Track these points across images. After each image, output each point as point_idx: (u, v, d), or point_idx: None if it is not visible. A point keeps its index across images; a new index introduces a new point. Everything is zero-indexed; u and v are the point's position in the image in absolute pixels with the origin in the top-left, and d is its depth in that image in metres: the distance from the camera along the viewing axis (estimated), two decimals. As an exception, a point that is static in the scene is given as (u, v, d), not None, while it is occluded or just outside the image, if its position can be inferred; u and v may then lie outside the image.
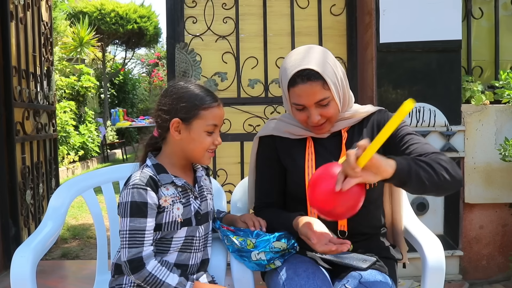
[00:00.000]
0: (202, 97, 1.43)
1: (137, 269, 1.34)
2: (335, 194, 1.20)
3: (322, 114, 1.47)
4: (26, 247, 1.54)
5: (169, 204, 1.41)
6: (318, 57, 1.46)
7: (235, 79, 3.04)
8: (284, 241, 1.46)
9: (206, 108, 1.42)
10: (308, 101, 1.45)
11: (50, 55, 4.02)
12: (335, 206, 1.22)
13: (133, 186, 1.38)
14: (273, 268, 1.48)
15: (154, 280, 1.34)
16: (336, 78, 1.46)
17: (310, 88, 1.43)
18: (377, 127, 1.55)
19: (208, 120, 1.42)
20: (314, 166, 1.50)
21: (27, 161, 3.40)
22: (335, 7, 3.06)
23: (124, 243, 1.36)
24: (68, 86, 9.05)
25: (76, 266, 3.40)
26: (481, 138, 2.75)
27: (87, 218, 4.97)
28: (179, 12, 2.99)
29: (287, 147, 1.58)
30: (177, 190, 1.45)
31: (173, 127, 1.42)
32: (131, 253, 1.34)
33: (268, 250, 1.44)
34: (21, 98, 3.31)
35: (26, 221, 3.35)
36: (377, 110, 1.59)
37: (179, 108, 1.41)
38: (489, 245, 2.85)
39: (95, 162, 9.61)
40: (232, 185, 2.95)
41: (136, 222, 1.35)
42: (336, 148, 1.53)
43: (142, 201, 1.36)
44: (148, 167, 1.44)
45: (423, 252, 1.54)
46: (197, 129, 1.42)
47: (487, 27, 3.05)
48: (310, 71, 1.42)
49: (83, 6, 12.05)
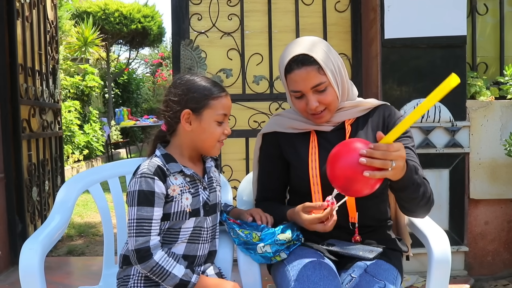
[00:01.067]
0: (211, 88, 1.45)
1: (144, 259, 1.35)
2: (357, 168, 1.19)
3: (320, 101, 1.48)
4: (34, 240, 1.56)
5: (177, 194, 1.42)
6: (311, 43, 1.49)
7: (240, 76, 3.05)
8: (289, 232, 1.47)
9: (215, 98, 1.43)
10: (305, 86, 1.47)
11: (56, 53, 4.04)
12: (356, 181, 1.21)
13: (141, 175, 1.39)
14: (279, 260, 1.49)
15: (161, 270, 1.35)
16: (332, 64, 1.48)
17: (305, 73, 1.45)
18: (383, 121, 1.56)
19: (218, 110, 1.44)
20: (318, 160, 1.51)
21: (33, 158, 3.42)
22: (339, 4, 3.06)
23: (132, 232, 1.37)
24: (72, 85, 9.08)
25: (82, 263, 3.42)
26: (486, 134, 2.74)
27: (92, 216, 5.00)
28: (184, 9, 3.00)
29: (290, 141, 1.59)
30: (186, 180, 1.45)
31: (184, 118, 1.43)
32: (138, 242, 1.35)
33: (273, 242, 1.45)
34: (27, 96, 3.34)
35: (33, 218, 3.37)
36: (382, 104, 1.60)
37: (189, 99, 1.43)
38: (494, 241, 2.85)
39: (99, 161, 9.63)
40: (237, 181, 2.96)
41: (143, 211, 1.36)
42: (339, 141, 1.52)
43: (150, 190, 1.37)
44: (157, 157, 1.45)
45: (429, 245, 1.54)
46: (207, 119, 1.43)
47: (492, 23, 3.04)
48: (304, 55, 1.45)
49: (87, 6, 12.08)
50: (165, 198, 1.40)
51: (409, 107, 2.69)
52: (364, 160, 1.18)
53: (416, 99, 2.70)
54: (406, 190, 1.37)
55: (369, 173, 1.18)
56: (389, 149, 1.19)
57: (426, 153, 2.68)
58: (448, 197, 2.75)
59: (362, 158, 1.19)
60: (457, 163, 2.73)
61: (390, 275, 1.40)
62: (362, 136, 1.53)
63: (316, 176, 1.49)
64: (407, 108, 2.69)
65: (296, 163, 1.57)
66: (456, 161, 2.73)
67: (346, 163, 1.22)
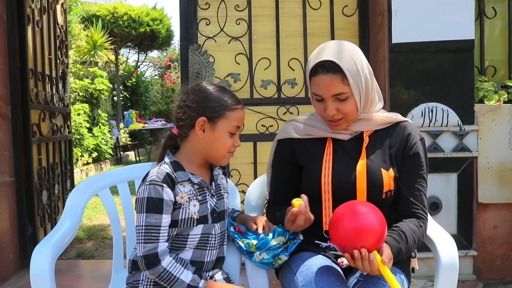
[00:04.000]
0: (228, 99, 1.47)
1: (152, 265, 1.37)
2: (357, 233, 1.27)
3: (339, 109, 1.48)
4: (45, 244, 1.58)
5: (185, 201, 1.44)
6: (344, 51, 1.48)
7: (248, 80, 3.07)
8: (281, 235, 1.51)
9: (231, 110, 1.46)
10: (326, 92, 1.47)
11: (65, 57, 4.08)
12: (355, 246, 1.28)
13: (150, 182, 1.41)
14: (280, 263, 1.51)
15: (169, 276, 1.37)
16: (359, 76, 1.46)
17: (329, 80, 1.45)
18: (401, 140, 1.55)
19: (233, 121, 1.46)
20: (331, 167, 1.51)
21: (43, 162, 3.45)
22: (347, 8, 3.07)
23: (140, 238, 1.39)
24: (81, 88, 9.14)
25: (91, 266, 3.45)
26: (494, 138, 2.73)
27: (101, 219, 5.03)
28: (192, 14, 3.02)
29: (306, 147, 1.59)
30: (194, 188, 1.47)
31: (199, 125, 1.44)
32: (146, 248, 1.37)
33: (268, 249, 1.49)
34: (37, 100, 3.37)
35: (43, 221, 3.40)
36: (404, 121, 1.59)
37: (206, 107, 1.45)
38: (503, 245, 2.83)
39: (108, 164, 9.69)
40: (246, 185, 2.97)
41: (151, 218, 1.38)
42: (355, 151, 1.53)
43: (158, 197, 1.39)
44: (166, 164, 1.47)
45: (436, 250, 1.54)
46: (221, 129, 1.45)
47: (501, 27, 3.03)
48: (331, 63, 1.44)
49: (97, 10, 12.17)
50: (173, 205, 1.42)
51: (416, 111, 2.69)
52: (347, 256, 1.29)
53: (423, 103, 2.70)
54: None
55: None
56: (371, 269, 1.27)
57: (434, 157, 2.68)
58: (456, 201, 2.74)
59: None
60: (465, 167, 2.73)
61: (397, 278, 1.41)
62: (378, 150, 1.53)
63: (327, 184, 1.50)
64: (415, 113, 2.69)
65: (310, 169, 1.56)
66: (464, 165, 2.73)
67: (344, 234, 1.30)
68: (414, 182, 1.53)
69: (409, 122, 1.60)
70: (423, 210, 1.53)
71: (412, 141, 1.55)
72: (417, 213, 1.52)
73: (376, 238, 1.28)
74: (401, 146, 1.54)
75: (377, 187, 1.48)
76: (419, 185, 1.53)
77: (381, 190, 1.48)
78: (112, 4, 12.39)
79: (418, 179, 1.53)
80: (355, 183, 1.47)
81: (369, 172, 1.48)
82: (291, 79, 3.06)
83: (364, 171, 1.48)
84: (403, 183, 1.53)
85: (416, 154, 1.54)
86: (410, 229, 1.46)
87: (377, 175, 1.48)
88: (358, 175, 1.48)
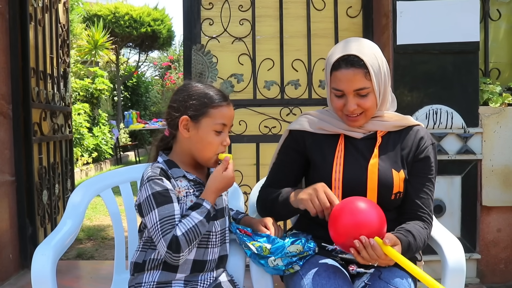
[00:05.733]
0: (212, 96, 1.44)
1: (178, 246, 1.32)
2: (355, 227, 1.27)
3: (359, 105, 1.47)
4: (46, 245, 1.56)
5: (183, 196, 1.43)
6: (366, 47, 1.48)
7: (251, 81, 3.05)
8: (299, 243, 1.46)
9: (215, 107, 1.43)
10: (348, 87, 1.46)
11: (67, 56, 4.06)
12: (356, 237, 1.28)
13: (148, 179, 1.39)
14: (292, 272, 1.48)
15: (191, 232, 1.34)
16: (380, 72, 1.47)
17: (352, 74, 1.44)
18: (412, 143, 1.55)
19: (217, 119, 1.43)
20: (343, 164, 1.50)
21: (44, 162, 3.43)
22: (351, 9, 3.05)
23: (158, 236, 1.34)
24: (82, 88, 9.13)
25: (92, 266, 3.43)
26: (499, 140, 2.72)
27: (101, 219, 5.01)
28: (195, 14, 3.00)
29: (318, 142, 1.58)
30: (190, 183, 1.46)
31: (182, 125, 1.43)
32: (167, 241, 1.33)
33: (284, 255, 1.44)
34: (38, 99, 3.35)
35: (43, 221, 3.38)
36: (418, 125, 1.60)
37: (188, 106, 1.43)
38: (507, 249, 2.81)
39: (108, 164, 9.67)
40: (248, 186, 2.95)
41: (164, 209, 1.36)
42: (367, 150, 1.52)
43: (163, 189, 1.38)
44: (159, 163, 1.46)
45: (443, 254, 1.53)
46: (205, 128, 1.43)
47: (505, 29, 3.02)
48: (355, 57, 1.44)
49: (98, 9, 12.17)
50: None
51: (421, 113, 2.67)
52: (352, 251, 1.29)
53: (428, 105, 2.68)
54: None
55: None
56: (377, 254, 1.26)
57: (438, 160, 2.64)
58: (460, 204, 2.73)
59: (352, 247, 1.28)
60: (470, 169, 2.71)
61: (404, 282, 1.40)
62: (390, 151, 1.53)
63: (338, 180, 1.48)
64: (419, 114, 2.67)
65: (320, 164, 1.55)
66: (469, 167, 2.71)
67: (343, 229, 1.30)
68: (423, 186, 1.52)
69: (422, 126, 1.60)
70: (429, 214, 1.52)
71: (424, 144, 1.55)
72: (423, 216, 1.51)
73: (376, 228, 1.28)
74: (412, 149, 1.54)
75: (387, 187, 1.47)
76: (427, 189, 1.52)
77: (391, 190, 1.47)
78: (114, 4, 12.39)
79: (426, 183, 1.53)
80: (366, 182, 1.46)
81: (380, 172, 1.47)
82: (295, 80, 3.05)
83: (375, 170, 1.47)
84: (411, 185, 1.52)
85: (427, 158, 1.53)
86: (416, 229, 1.45)
87: (388, 175, 1.48)
88: (370, 174, 1.47)
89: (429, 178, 1.53)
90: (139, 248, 1.49)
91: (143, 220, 1.44)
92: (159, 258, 1.44)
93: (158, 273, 1.44)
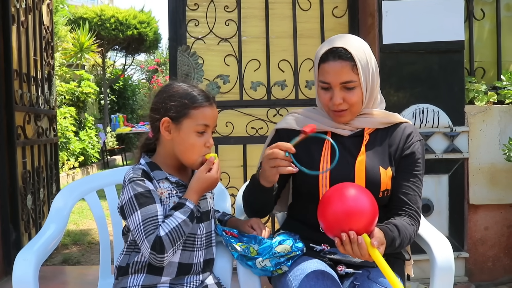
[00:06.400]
0: (193, 96, 1.41)
1: (161, 244, 1.30)
2: (345, 216, 1.23)
3: (345, 98, 1.47)
4: (28, 250, 1.53)
5: (165, 197, 1.40)
6: (355, 42, 1.49)
7: (237, 82, 3.03)
8: (287, 243, 1.44)
9: (196, 107, 1.39)
10: (335, 79, 1.46)
11: (51, 59, 4.01)
12: (343, 229, 1.24)
13: (130, 181, 1.37)
14: (280, 273, 1.46)
15: (174, 232, 1.32)
16: (367, 67, 1.47)
17: (339, 67, 1.44)
18: (400, 139, 1.54)
19: (199, 120, 1.39)
20: (330, 162, 1.48)
21: (28, 166, 3.38)
22: (337, 9, 3.05)
23: (141, 237, 1.32)
24: (68, 92, 9.04)
25: (78, 272, 3.38)
26: (485, 139, 2.73)
27: (87, 224, 4.95)
28: (181, 14, 2.98)
29: (304, 139, 1.56)
30: (173, 185, 1.44)
31: (163, 127, 1.40)
32: (150, 241, 1.30)
33: (271, 256, 1.42)
34: (22, 102, 3.30)
35: (27, 226, 3.32)
36: (406, 122, 1.59)
37: (169, 107, 1.39)
38: (494, 247, 2.82)
39: (95, 168, 9.58)
40: (235, 188, 2.93)
41: (147, 210, 1.34)
42: (355, 147, 1.51)
43: (145, 190, 1.36)
44: (141, 165, 1.44)
45: (431, 252, 1.52)
46: (186, 129, 1.39)
47: (489, 28, 3.04)
48: (343, 49, 1.45)
49: (83, 12, 12.09)
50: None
51: (407, 113, 2.68)
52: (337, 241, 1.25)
53: (414, 105, 2.69)
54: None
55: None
56: (361, 253, 1.23)
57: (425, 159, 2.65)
58: (447, 203, 2.73)
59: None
60: (456, 168, 2.72)
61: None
62: (377, 148, 1.52)
63: (325, 177, 1.47)
64: (405, 114, 2.67)
65: (306, 163, 1.51)
66: (455, 166, 2.72)
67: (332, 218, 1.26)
68: (409, 182, 1.51)
69: (409, 123, 1.60)
70: (416, 211, 1.50)
71: (411, 140, 1.54)
72: (409, 212, 1.49)
73: (367, 221, 1.24)
74: (400, 145, 1.53)
75: (375, 184, 1.46)
76: (414, 185, 1.51)
77: (378, 188, 1.46)
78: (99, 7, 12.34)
79: (413, 179, 1.51)
80: (354, 179, 1.45)
81: (368, 169, 1.46)
82: (281, 81, 3.03)
83: (363, 167, 1.46)
84: (398, 181, 1.51)
85: (414, 153, 1.52)
86: (402, 224, 1.43)
87: (375, 172, 1.47)
88: (357, 171, 1.46)
89: (415, 175, 1.52)
90: (123, 252, 1.47)
91: (126, 223, 1.41)
92: (142, 260, 1.41)
93: (143, 276, 1.41)
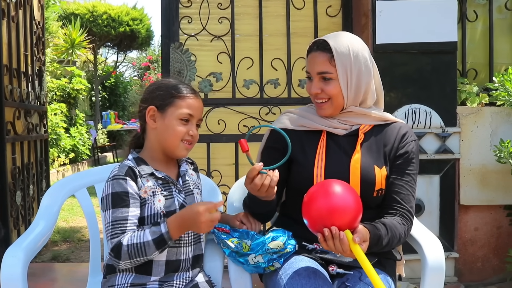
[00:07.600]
0: (179, 88, 1.47)
1: (119, 252, 1.31)
2: (328, 212, 1.23)
3: (323, 89, 1.51)
4: (17, 247, 1.51)
5: (149, 196, 1.40)
6: (343, 37, 1.52)
7: (230, 80, 3.02)
8: (280, 239, 1.44)
9: (181, 98, 1.45)
10: (312, 69, 1.52)
11: (42, 54, 3.97)
12: (326, 224, 1.24)
13: (112, 178, 1.39)
14: (272, 270, 1.46)
15: (135, 248, 1.31)
16: (348, 61, 1.48)
17: (317, 57, 1.50)
18: (395, 138, 1.55)
19: (183, 108, 1.44)
20: (324, 160, 1.49)
21: (18, 162, 3.34)
22: (331, 8, 3.05)
23: (108, 236, 1.35)
24: (59, 88, 8.96)
25: (67, 269, 3.35)
26: (476, 140, 2.74)
27: (77, 221, 4.92)
28: (174, 11, 2.96)
29: (299, 139, 1.56)
30: (158, 182, 1.44)
31: (149, 115, 1.45)
32: (113, 243, 1.32)
33: (264, 252, 1.42)
34: (12, 98, 3.26)
35: (16, 223, 3.29)
36: (401, 123, 1.60)
37: (155, 96, 1.45)
38: (484, 247, 2.84)
39: (85, 165, 9.52)
40: (227, 186, 2.92)
41: (118, 212, 1.35)
42: (350, 146, 1.52)
43: (123, 191, 1.37)
44: (129, 160, 1.46)
45: (422, 252, 1.52)
46: (170, 116, 1.43)
47: (482, 30, 3.05)
48: (324, 41, 1.49)
49: (75, 8, 11.99)
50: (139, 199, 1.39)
51: (400, 113, 2.68)
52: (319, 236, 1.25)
53: (407, 105, 2.69)
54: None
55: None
56: (343, 249, 1.23)
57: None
58: (438, 203, 2.74)
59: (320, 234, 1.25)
60: (448, 169, 2.73)
61: (384, 282, 1.38)
62: (372, 147, 1.52)
63: (320, 176, 1.47)
64: (398, 114, 2.68)
65: (301, 161, 1.54)
66: (447, 167, 2.73)
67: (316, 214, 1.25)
68: (402, 181, 1.51)
69: (404, 123, 1.61)
70: (408, 210, 1.50)
71: (406, 140, 1.55)
72: (401, 212, 1.49)
73: (350, 217, 1.24)
74: (395, 145, 1.54)
75: (370, 183, 1.46)
76: (407, 185, 1.51)
77: (373, 187, 1.46)
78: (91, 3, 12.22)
79: (406, 178, 1.51)
80: (349, 178, 1.45)
81: (363, 168, 1.46)
82: (274, 79, 3.03)
83: (358, 166, 1.46)
84: (391, 180, 1.51)
85: (408, 153, 1.53)
86: (392, 223, 1.43)
87: (370, 171, 1.47)
88: (352, 170, 1.46)
89: (409, 174, 1.52)
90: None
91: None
92: None
93: (132, 275, 1.41)
